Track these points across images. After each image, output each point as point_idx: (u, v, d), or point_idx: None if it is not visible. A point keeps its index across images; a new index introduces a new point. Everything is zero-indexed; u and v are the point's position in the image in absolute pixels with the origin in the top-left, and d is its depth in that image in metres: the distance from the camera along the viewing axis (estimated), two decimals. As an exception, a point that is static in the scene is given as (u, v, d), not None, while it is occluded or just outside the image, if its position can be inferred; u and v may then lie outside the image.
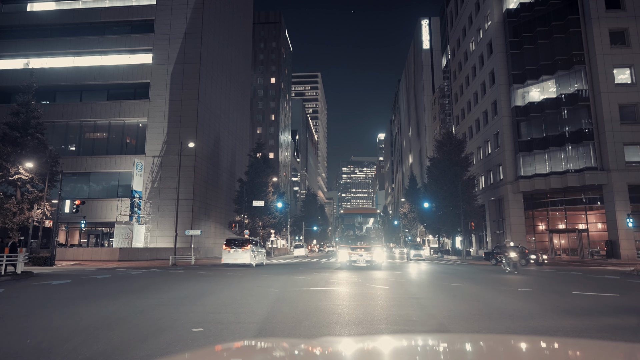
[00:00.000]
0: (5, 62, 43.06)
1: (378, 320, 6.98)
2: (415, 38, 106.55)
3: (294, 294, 10.52)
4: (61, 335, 5.76)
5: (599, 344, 2.53)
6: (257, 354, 1.88)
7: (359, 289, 11.79)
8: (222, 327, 6.33)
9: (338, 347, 2.01)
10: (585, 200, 36.63)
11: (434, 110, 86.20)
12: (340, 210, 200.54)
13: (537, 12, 39.16)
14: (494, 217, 43.76)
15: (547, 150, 37.39)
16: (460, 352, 1.85)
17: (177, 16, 42.22)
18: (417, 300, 9.61)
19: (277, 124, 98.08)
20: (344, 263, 25.80)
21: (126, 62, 42.51)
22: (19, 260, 18.32)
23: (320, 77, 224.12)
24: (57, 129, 40.72)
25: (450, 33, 63.03)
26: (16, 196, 28.46)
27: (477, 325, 6.66)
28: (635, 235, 32.90)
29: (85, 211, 34.40)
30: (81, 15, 43.72)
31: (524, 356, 1.69)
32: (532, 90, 39.35)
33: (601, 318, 7.31)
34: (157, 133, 40.17)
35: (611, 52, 35.31)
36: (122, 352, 4.87)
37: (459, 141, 43.89)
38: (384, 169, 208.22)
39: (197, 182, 40.27)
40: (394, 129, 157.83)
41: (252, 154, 47.87)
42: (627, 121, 34.37)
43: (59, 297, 10.41)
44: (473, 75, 50.20)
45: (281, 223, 54.23)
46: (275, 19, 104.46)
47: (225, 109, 49.39)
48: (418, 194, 60.79)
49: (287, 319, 7.01)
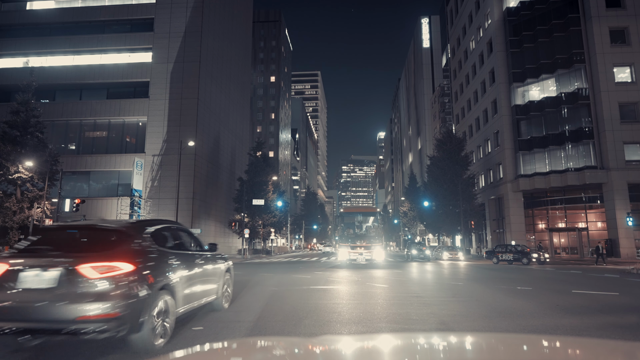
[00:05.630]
0: (5, 60, 43.00)
1: (378, 318, 6.99)
2: (416, 36, 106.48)
3: (294, 293, 10.53)
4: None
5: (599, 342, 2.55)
6: (258, 352, 1.88)
7: (359, 288, 11.80)
8: (222, 325, 6.34)
9: (338, 346, 2.00)
10: (585, 199, 36.62)
11: (434, 109, 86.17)
12: (340, 209, 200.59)
13: (537, 10, 39.10)
14: (493, 216, 43.76)
15: (547, 149, 37.37)
16: (460, 350, 1.85)
17: (176, 15, 42.15)
18: (417, 298, 9.62)
19: (277, 123, 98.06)
20: (343, 261, 25.80)
21: (126, 60, 42.45)
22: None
23: (320, 75, 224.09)
24: (56, 128, 40.68)
25: (450, 31, 62.97)
26: (16, 195, 28.44)
27: (478, 324, 6.67)
28: (635, 234, 32.90)
29: (85, 210, 34.36)
30: (81, 13, 43.65)
31: (525, 354, 1.69)
32: (532, 89, 39.32)
33: (601, 317, 7.32)
34: (157, 132, 40.14)
35: (611, 50, 35.27)
36: (122, 353, 4.86)
37: (459, 140, 43.88)
38: (383, 168, 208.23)
39: (197, 180, 40.26)
40: (394, 128, 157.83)
41: (252, 152, 47.87)
42: (627, 120, 34.35)
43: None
44: (473, 73, 50.16)
45: (281, 222, 54.23)
46: (275, 17, 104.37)
47: (225, 107, 49.36)
48: (418, 193, 60.77)
49: (287, 318, 7.01)
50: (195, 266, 6.19)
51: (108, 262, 4.49)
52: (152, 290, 4.74)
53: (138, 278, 4.60)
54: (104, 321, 4.26)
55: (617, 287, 12.61)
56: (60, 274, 4.35)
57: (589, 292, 11.13)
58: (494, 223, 43.59)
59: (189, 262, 6.04)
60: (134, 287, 4.51)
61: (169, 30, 41.93)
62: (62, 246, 5.00)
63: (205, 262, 6.71)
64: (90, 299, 4.29)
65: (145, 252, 5.06)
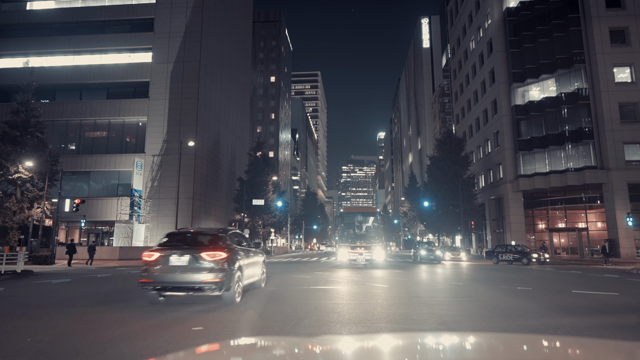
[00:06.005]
0: (5, 60, 42.99)
1: (378, 319, 6.98)
2: (416, 37, 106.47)
3: (293, 293, 10.52)
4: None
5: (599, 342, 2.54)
6: (258, 352, 1.87)
7: (359, 288, 11.78)
8: (222, 325, 6.33)
9: (338, 345, 2.00)
10: (585, 199, 36.61)
11: (434, 109, 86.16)
12: (340, 209, 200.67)
13: (537, 10, 39.09)
14: (493, 216, 43.75)
15: (547, 149, 37.36)
16: (460, 350, 1.84)
17: (176, 15, 42.15)
18: (417, 299, 9.61)
19: (277, 123, 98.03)
20: (343, 262, 25.78)
21: (126, 60, 42.45)
22: (20, 259, 18.32)
23: (320, 75, 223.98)
24: (56, 128, 40.69)
25: (450, 32, 62.96)
26: (16, 195, 28.44)
27: (479, 324, 6.66)
28: (635, 234, 32.89)
29: (85, 210, 34.36)
30: (81, 13, 43.65)
31: (525, 354, 1.68)
32: (532, 89, 39.30)
33: (602, 317, 7.31)
34: (157, 132, 40.14)
35: (611, 50, 35.26)
36: (121, 353, 4.86)
37: (459, 140, 43.86)
38: (383, 168, 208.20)
39: (197, 180, 40.25)
40: (394, 128, 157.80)
41: (252, 152, 47.85)
42: (627, 120, 34.34)
43: (59, 296, 10.40)
44: (473, 73, 50.15)
45: (281, 222, 54.23)
46: (275, 17, 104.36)
47: (225, 107, 49.35)
48: (418, 193, 60.78)
49: (287, 318, 7.00)
50: (250, 257, 9.80)
51: (214, 252, 8.03)
52: (234, 268, 8.27)
53: (228, 261, 8.13)
54: (213, 284, 7.81)
55: (617, 287, 12.60)
56: (190, 258, 7.92)
57: (589, 292, 11.12)
58: (494, 223, 43.58)
59: (247, 254, 9.65)
60: (226, 266, 8.05)
61: (169, 30, 41.93)
62: (185, 242, 8.55)
63: (254, 255, 10.41)
64: (206, 271, 7.87)
65: (229, 246, 8.61)
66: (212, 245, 8.35)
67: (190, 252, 7.99)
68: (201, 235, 8.95)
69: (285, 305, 8.38)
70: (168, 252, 8.04)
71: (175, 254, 8.00)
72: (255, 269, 10.33)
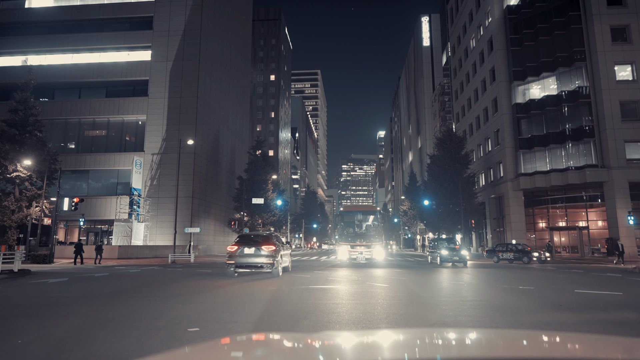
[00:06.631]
0: (3, 59, 42.84)
1: (378, 319, 6.87)
2: (416, 35, 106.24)
3: (293, 292, 10.41)
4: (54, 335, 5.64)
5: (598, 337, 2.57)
6: (258, 347, 1.89)
7: (359, 288, 11.68)
8: (219, 326, 6.21)
9: (337, 340, 2.04)
10: (585, 198, 36.49)
11: (434, 108, 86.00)
12: (340, 207, 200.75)
13: (537, 8, 38.92)
14: (494, 215, 43.65)
15: (547, 148, 37.24)
16: (460, 345, 1.84)
17: (176, 13, 42.00)
18: (417, 298, 9.50)
19: (277, 122, 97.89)
20: (343, 260, 25.71)
21: (125, 59, 42.31)
22: (17, 258, 18.21)
23: (320, 74, 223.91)
24: (55, 127, 40.55)
25: (450, 30, 62.79)
26: (14, 194, 28.32)
27: (479, 323, 6.55)
28: (636, 233, 32.79)
29: (84, 209, 34.25)
30: (79, 12, 43.48)
31: (524, 349, 1.68)
32: (533, 87, 39.17)
33: (605, 317, 7.19)
34: (156, 130, 40.01)
35: (612, 48, 35.11)
36: (115, 354, 4.75)
37: (459, 138, 43.71)
38: (384, 167, 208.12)
39: (196, 179, 40.14)
40: (394, 127, 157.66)
41: (252, 151, 47.70)
42: (628, 118, 34.20)
43: (54, 295, 10.28)
44: (473, 72, 50.00)
45: (281, 221, 54.06)
46: (275, 16, 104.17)
47: (224, 106, 49.21)
48: (418, 192, 60.64)
49: (286, 318, 6.89)
50: (285, 250, 16.78)
51: (268, 246, 14.81)
52: (279, 257, 15.08)
53: (275, 251, 14.89)
54: (268, 264, 14.63)
55: (620, 286, 12.49)
56: (255, 249, 14.72)
57: (592, 291, 11.01)
58: (494, 222, 43.48)
59: (283, 248, 16.44)
60: (275, 254, 14.81)
61: (168, 28, 41.78)
62: (250, 240, 15.19)
63: (286, 249, 17.43)
64: (264, 257, 14.63)
65: (275, 243, 15.33)
66: (265, 242, 14.88)
67: (255, 245, 14.70)
68: (259, 236, 15.56)
69: (284, 305, 8.34)
70: (242, 246, 14.71)
71: (246, 247, 14.71)
72: (287, 258, 17.49)
